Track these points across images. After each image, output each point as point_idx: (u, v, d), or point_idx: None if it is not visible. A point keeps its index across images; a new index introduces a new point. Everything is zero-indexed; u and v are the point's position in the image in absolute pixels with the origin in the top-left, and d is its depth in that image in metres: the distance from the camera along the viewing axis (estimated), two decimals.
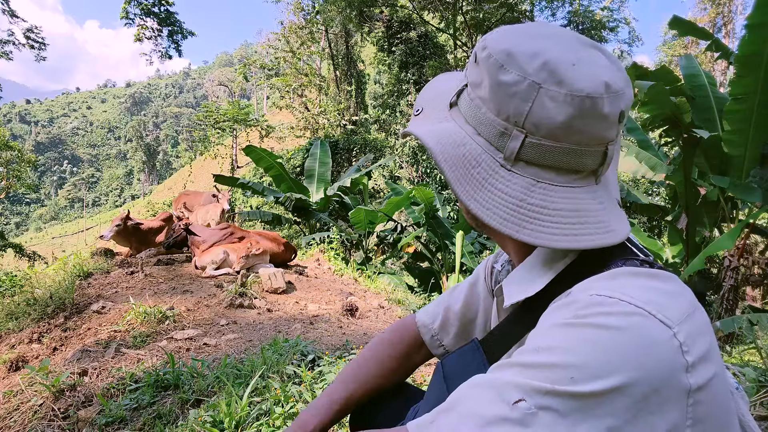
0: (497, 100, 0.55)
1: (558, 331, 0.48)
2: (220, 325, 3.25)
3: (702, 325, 0.49)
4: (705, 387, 0.46)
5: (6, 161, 19.82)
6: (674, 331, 0.46)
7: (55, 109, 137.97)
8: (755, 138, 4.67)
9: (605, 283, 0.51)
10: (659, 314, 0.46)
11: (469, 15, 15.67)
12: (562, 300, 0.53)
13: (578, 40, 0.57)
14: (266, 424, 1.75)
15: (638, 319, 0.46)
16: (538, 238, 0.54)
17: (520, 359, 0.49)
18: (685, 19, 5.77)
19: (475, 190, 0.57)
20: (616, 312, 0.46)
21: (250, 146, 8.75)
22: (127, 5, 14.70)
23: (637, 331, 0.45)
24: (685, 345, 0.45)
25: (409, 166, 17.00)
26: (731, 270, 5.36)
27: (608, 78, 0.53)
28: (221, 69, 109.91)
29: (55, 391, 2.07)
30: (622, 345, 0.44)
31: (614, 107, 0.53)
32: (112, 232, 5.46)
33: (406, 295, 5.31)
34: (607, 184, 0.61)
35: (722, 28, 25.38)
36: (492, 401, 0.47)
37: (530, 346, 0.49)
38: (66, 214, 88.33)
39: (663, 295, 0.49)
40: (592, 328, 0.46)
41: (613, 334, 0.45)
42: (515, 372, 0.48)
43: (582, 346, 0.45)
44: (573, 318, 0.48)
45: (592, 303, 0.48)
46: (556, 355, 0.46)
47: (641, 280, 0.51)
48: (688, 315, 0.48)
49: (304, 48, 20.19)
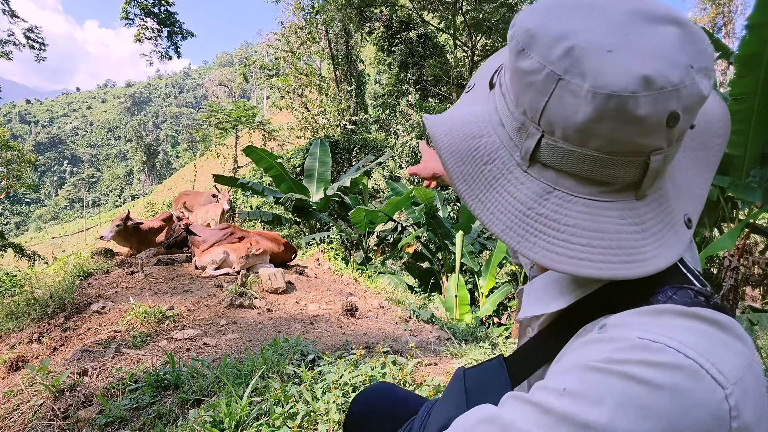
0: (516, 89, 0.48)
1: (587, 375, 0.40)
2: (220, 325, 3.25)
3: (756, 380, 0.41)
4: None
5: (6, 161, 19.82)
6: (727, 392, 0.38)
7: (55, 109, 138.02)
8: (755, 138, 4.67)
9: (649, 320, 0.43)
10: (713, 369, 0.38)
11: (468, 15, 15.66)
12: (596, 334, 0.45)
13: (638, 14, 0.44)
14: (266, 424, 1.75)
15: (686, 374, 0.38)
16: (537, 254, 0.47)
17: (541, 399, 0.41)
18: None
19: (482, 190, 0.50)
20: (660, 363, 0.38)
21: (250, 146, 8.76)
22: (127, 5, 14.69)
23: (682, 391, 0.37)
24: (735, 410, 0.38)
25: (409, 166, 17.00)
26: (731, 270, 5.36)
27: (654, 70, 0.41)
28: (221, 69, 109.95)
29: (55, 391, 2.07)
30: (660, 406, 0.37)
31: (656, 108, 0.42)
32: (113, 232, 5.46)
33: (406, 295, 5.31)
34: (668, 200, 0.49)
35: (722, 28, 25.39)
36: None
37: (554, 383, 0.42)
38: (66, 214, 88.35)
39: (719, 345, 0.41)
40: (628, 381, 0.38)
41: (651, 391, 0.37)
42: (532, 415, 0.41)
43: (612, 401, 0.38)
44: (607, 362, 0.40)
45: (631, 347, 0.40)
46: (580, 404, 0.39)
47: (694, 322, 0.42)
48: (745, 368, 0.40)
49: (304, 48, 20.19)
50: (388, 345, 2.75)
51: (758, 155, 4.85)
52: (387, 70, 18.05)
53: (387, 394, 0.99)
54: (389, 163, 15.88)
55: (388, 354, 2.52)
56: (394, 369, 2.27)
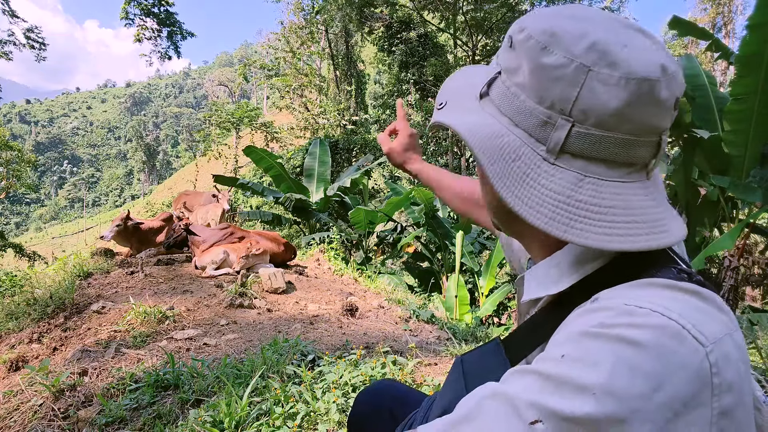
0: (539, 85, 0.51)
1: (582, 341, 0.44)
2: (220, 325, 3.25)
3: (738, 348, 0.45)
4: (729, 413, 0.42)
5: (6, 161, 19.80)
6: (707, 350, 0.42)
7: (55, 109, 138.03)
8: (755, 138, 4.67)
9: (637, 291, 0.47)
10: (693, 329, 0.42)
11: (469, 15, 15.65)
12: (588, 306, 0.49)
13: (619, 22, 0.52)
14: (266, 424, 1.75)
15: (670, 333, 0.42)
16: (589, 239, 0.49)
17: (541, 367, 0.45)
18: (685, 19, 5.76)
19: (516, 186, 0.52)
20: (646, 325, 0.42)
21: (250, 146, 8.76)
22: (127, 5, 14.68)
23: (667, 350, 0.41)
24: (716, 366, 0.42)
25: None
26: (731, 270, 5.36)
27: (663, 60, 0.48)
28: (221, 69, 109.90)
29: (55, 391, 2.07)
30: (648, 365, 0.41)
31: (671, 92, 0.49)
32: (113, 232, 5.46)
33: (406, 295, 5.31)
34: (656, 180, 0.56)
35: (722, 28, 25.38)
36: (507, 419, 0.44)
37: (552, 353, 0.46)
38: (66, 214, 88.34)
39: (700, 312, 0.45)
40: (619, 342, 0.42)
41: (641, 351, 0.41)
42: (534, 383, 0.45)
43: (606, 362, 0.42)
44: (599, 327, 0.44)
45: (621, 312, 0.44)
46: (578, 368, 0.42)
47: (677, 293, 0.47)
48: (725, 333, 0.44)
49: (304, 48, 20.19)
50: (388, 345, 2.75)
51: (758, 155, 4.85)
52: (387, 70, 18.03)
53: (390, 391, 1.00)
54: (389, 162, 15.84)
55: (388, 354, 2.52)
56: (394, 369, 2.27)
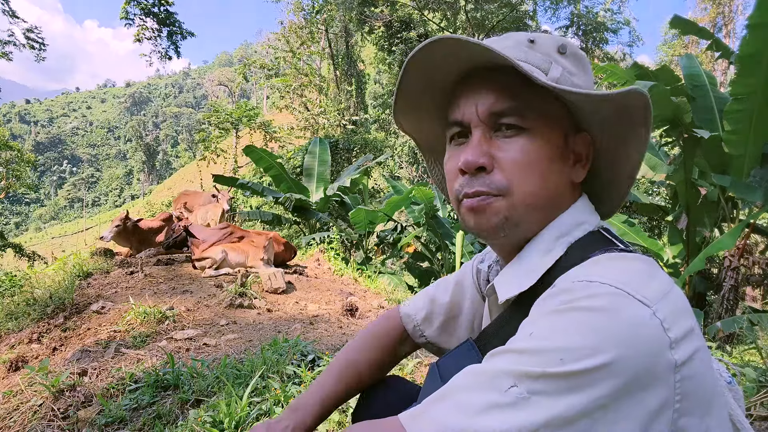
0: None
1: (547, 318, 0.50)
2: (220, 325, 3.25)
3: (680, 303, 0.51)
4: (689, 362, 0.47)
5: (6, 161, 19.78)
6: (653, 309, 0.47)
7: (55, 109, 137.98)
8: (756, 138, 4.67)
9: (587, 269, 0.54)
10: (637, 294, 0.48)
11: (470, 14, 15.64)
12: (549, 291, 0.54)
13: None
14: None
15: (619, 299, 0.47)
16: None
17: (512, 346, 0.50)
18: (686, 19, 5.76)
19: None
20: (598, 294, 0.48)
21: (250, 146, 8.75)
22: (126, 5, 14.64)
23: (620, 311, 0.47)
24: (666, 322, 0.47)
25: (409, 165, 17.01)
26: (731, 270, 5.36)
27: None
28: (221, 69, 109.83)
29: (55, 391, 2.07)
30: (607, 324, 0.46)
31: None
32: (112, 233, 5.46)
33: (406, 295, 5.31)
34: None
35: (723, 28, 25.36)
36: (484, 388, 0.48)
37: (521, 333, 0.51)
38: (66, 214, 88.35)
39: (639, 276, 0.51)
40: (578, 311, 0.48)
41: (598, 315, 0.46)
42: (507, 359, 0.49)
43: (569, 329, 0.47)
44: (560, 304, 0.50)
45: (575, 288, 0.50)
46: (546, 340, 0.47)
47: (618, 262, 0.54)
48: (664, 294, 0.49)
49: (304, 48, 20.15)
50: None
51: (758, 155, 4.84)
52: (387, 70, 18.01)
53: (396, 387, 1.00)
54: (389, 162, 15.87)
55: None
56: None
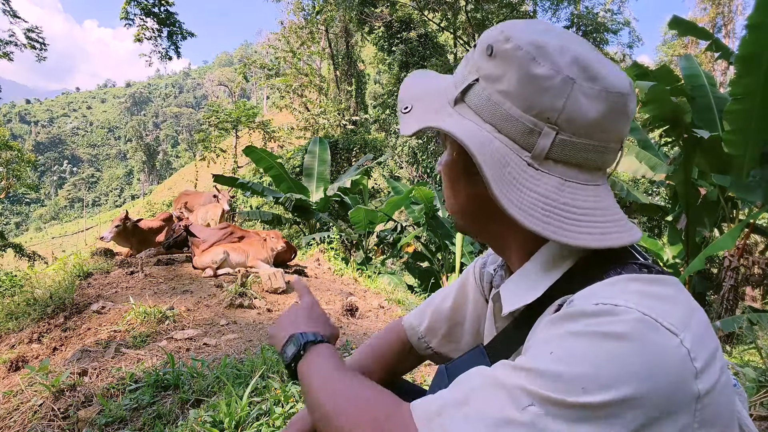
0: (527, 94, 0.53)
1: (569, 341, 0.47)
2: (220, 325, 3.25)
3: (705, 327, 0.48)
4: (712, 390, 0.45)
5: (6, 161, 19.79)
6: (681, 338, 0.45)
7: (55, 109, 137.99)
8: (756, 138, 4.67)
9: (608, 290, 0.50)
10: (665, 321, 0.45)
11: (470, 14, 15.65)
12: (566, 309, 0.51)
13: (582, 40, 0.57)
14: (266, 424, 1.75)
15: (645, 326, 0.45)
16: (581, 240, 0.52)
17: (532, 364, 0.47)
18: (685, 19, 5.77)
19: (509, 191, 0.53)
20: (623, 320, 0.45)
21: (250, 146, 8.76)
22: (127, 5, 14.64)
23: (646, 339, 0.44)
24: (693, 351, 0.45)
25: (409, 165, 17.01)
26: (731, 270, 5.37)
27: (628, 78, 0.54)
28: (221, 69, 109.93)
29: (55, 391, 2.07)
30: (632, 354, 0.44)
31: (634, 106, 0.55)
32: (112, 233, 5.46)
33: (406, 295, 5.31)
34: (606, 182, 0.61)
35: (722, 28, 25.36)
36: (502, 403, 0.46)
37: (541, 350, 0.48)
38: (66, 214, 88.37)
39: (664, 301, 0.48)
40: (602, 338, 0.45)
41: (623, 343, 0.44)
42: (526, 377, 0.46)
43: (591, 356, 0.44)
44: (583, 327, 0.47)
45: (599, 312, 0.47)
46: (568, 365, 0.45)
47: (641, 285, 0.50)
48: (690, 318, 0.47)
49: (304, 48, 20.15)
50: None
51: (758, 155, 4.85)
52: (387, 70, 18.01)
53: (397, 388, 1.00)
54: (389, 162, 15.87)
55: None
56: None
